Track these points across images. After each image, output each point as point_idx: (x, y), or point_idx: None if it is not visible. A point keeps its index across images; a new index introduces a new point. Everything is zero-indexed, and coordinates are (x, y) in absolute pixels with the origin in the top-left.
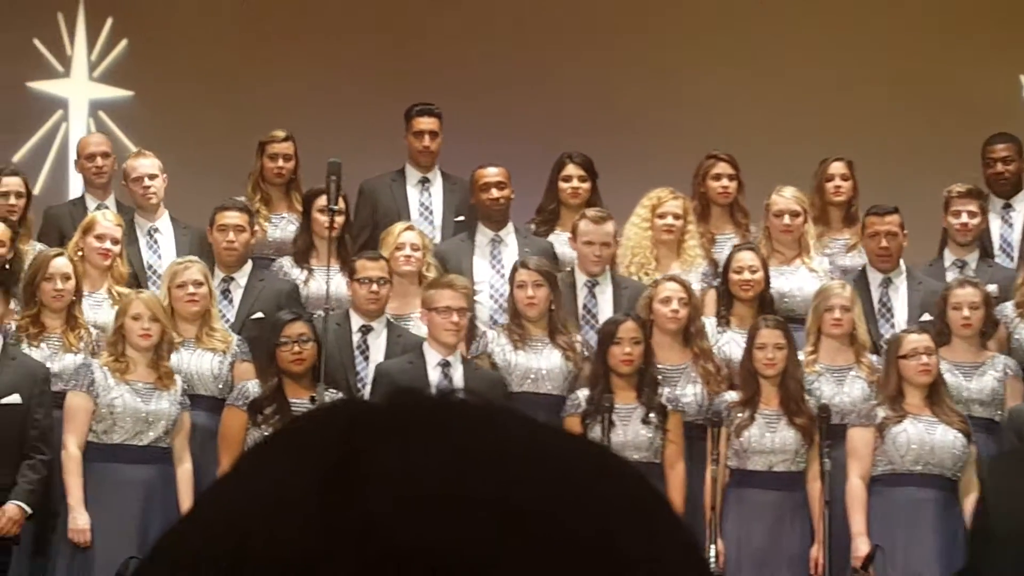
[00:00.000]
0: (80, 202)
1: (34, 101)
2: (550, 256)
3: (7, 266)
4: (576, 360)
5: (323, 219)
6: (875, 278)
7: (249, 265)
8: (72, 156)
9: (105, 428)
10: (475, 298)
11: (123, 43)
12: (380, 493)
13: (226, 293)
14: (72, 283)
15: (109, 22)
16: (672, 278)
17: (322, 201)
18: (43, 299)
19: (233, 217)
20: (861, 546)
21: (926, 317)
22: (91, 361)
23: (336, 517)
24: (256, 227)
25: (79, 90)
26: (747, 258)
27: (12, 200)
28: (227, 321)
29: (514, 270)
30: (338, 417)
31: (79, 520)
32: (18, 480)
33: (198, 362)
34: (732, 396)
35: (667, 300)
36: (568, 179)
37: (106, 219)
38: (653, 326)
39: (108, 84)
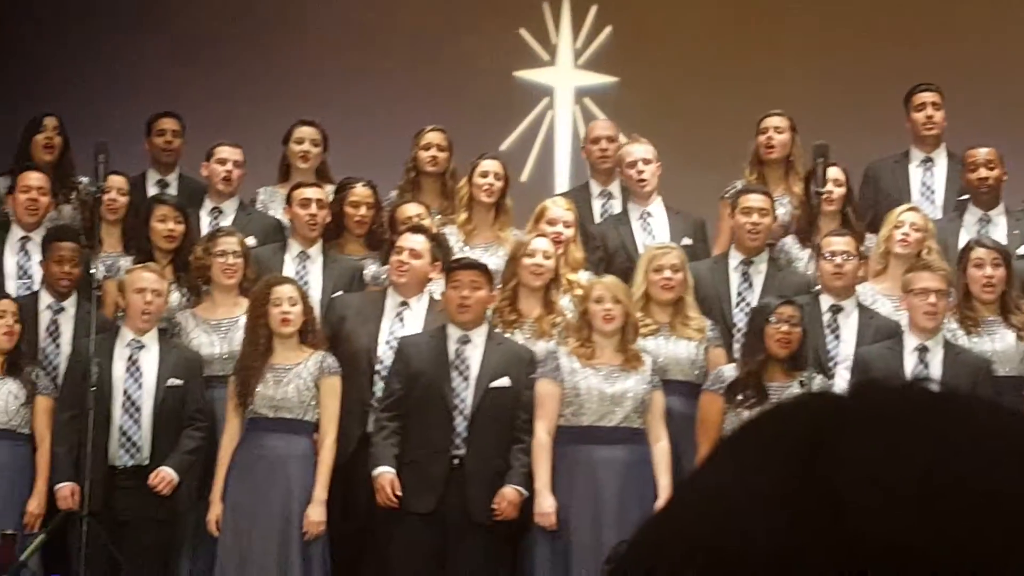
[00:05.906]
0: (584, 188)
1: (521, 90)
2: None
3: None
4: None
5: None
6: None
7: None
8: (559, 143)
9: (573, 411)
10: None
11: (607, 30)
12: (853, 487)
13: (746, 276)
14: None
15: (593, 10)
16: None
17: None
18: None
19: (759, 200)
20: None
21: None
22: (558, 348)
23: (808, 512)
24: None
25: (564, 78)
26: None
27: (491, 180)
28: (747, 305)
29: (968, 249)
30: (806, 411)
31: (544, 504)
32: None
33: (674, 348)
34: None
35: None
36: None
37: (556, 205)
38: None
39: (593, 71)
